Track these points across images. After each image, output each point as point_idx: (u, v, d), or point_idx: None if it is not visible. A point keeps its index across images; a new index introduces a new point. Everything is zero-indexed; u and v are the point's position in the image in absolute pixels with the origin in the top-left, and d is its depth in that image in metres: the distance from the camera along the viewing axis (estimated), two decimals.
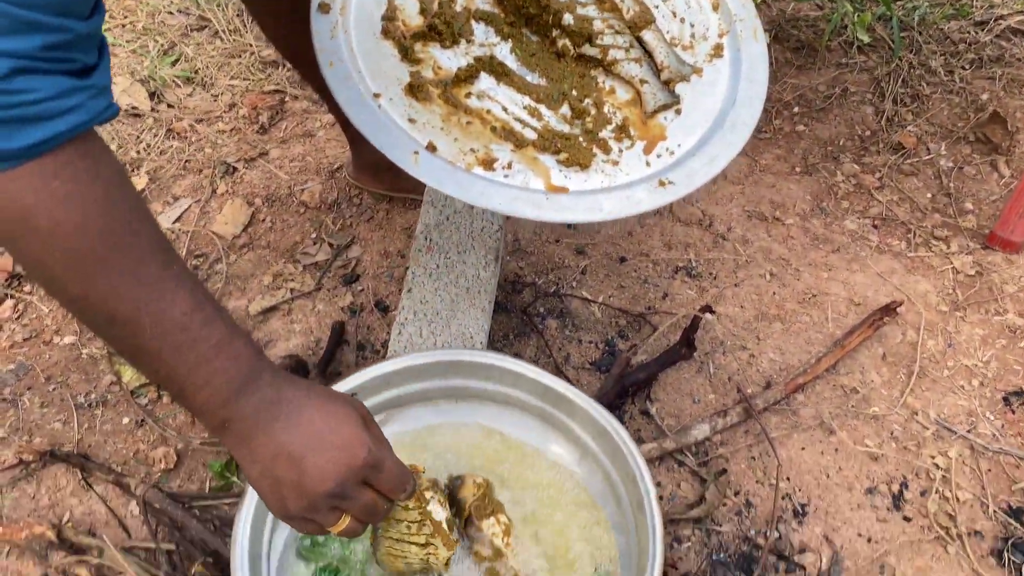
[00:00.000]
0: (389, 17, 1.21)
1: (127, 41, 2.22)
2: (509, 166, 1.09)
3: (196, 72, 2.16)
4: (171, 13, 2.33)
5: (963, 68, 2.23)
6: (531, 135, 1.14)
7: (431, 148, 1.08)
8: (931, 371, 1.62)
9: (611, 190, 1.09)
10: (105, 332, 0.79)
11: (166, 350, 0.78)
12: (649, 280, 1.76)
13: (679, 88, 1.21)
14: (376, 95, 1.12)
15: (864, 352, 1.64)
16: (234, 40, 2.26)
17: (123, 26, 2.26)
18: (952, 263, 1.80)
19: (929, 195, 1.96)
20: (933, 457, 1.49)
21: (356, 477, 0.86)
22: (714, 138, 1.14)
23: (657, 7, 1.28)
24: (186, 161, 1.95)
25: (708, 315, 1.64)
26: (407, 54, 1.18)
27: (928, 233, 1.87)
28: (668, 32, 1.26)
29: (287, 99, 2.13)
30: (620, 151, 1.15)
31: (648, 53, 1.22)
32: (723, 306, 1.71)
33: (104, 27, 2.15)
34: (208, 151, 1.98)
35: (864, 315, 1.68)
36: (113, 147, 1.96)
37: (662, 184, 1.09)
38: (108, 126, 1.99)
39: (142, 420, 1.50)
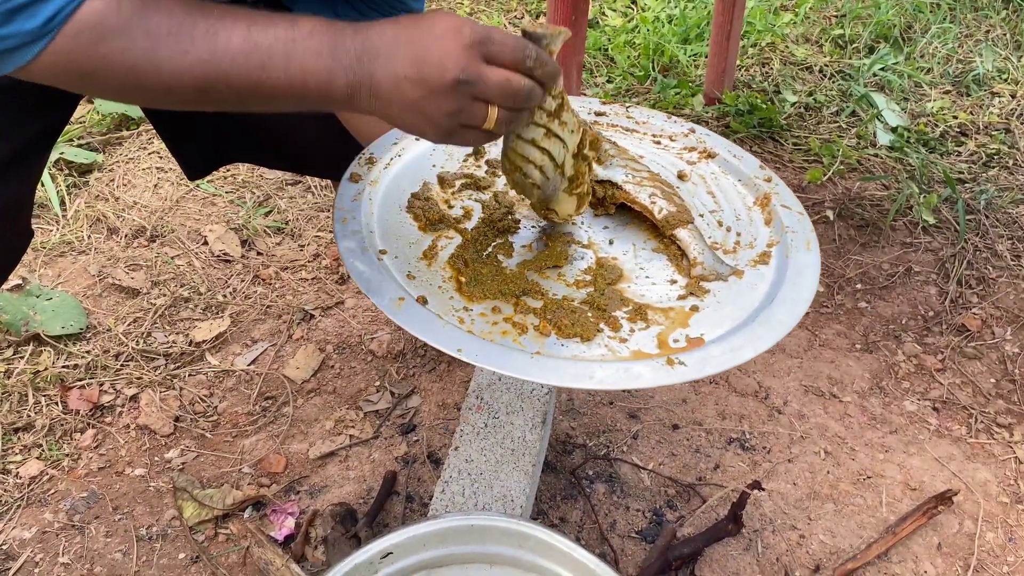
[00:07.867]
0: (424, 196, 1.28)
1: (227, 192, 2.41)
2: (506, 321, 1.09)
3: (287, 223, 2.32)
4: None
5: None
6: (536, 303, 1.13)
7: (421, 301, 1.08)
8: (990, 565, 1.56)
9: (609, 361, 1.05)
10: (231, 82, 0.90)
11: (265, 66, 0.90)
12: (701, 450, 1.77)
13: (713, 286, 1.17)
14: (382, 251, 1.16)
15: (918, 540, 1.59)
16: (325, 195, 2.44)
17: (224, 178, 2.46)
18: (1015, 452, 1.76)
19: (993, 380, 1.94)
20: None
21: (471, 53, 0.91)
22: (741, 331, 1.08)
23: (703, 216, 1.28)
24: (268, 306, 2.08)
25: (757, 491, 1.63)
26: (427, 227, 1.23)
27: (991, 419, 1.84)
28: (710, 237, 1.24)
29: None
30: (632, 330, 1.10)
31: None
32: (775, 482, 1.70)
33: (207, 178, 2.35)
34: (289, 298, 2.11)
35: (920, 501, 1.64)
36: (203, 289, 2.10)
37: (670, 363, 1.03)
38: (200, 267, 2.15)
39: (197, 556, 1.56)
